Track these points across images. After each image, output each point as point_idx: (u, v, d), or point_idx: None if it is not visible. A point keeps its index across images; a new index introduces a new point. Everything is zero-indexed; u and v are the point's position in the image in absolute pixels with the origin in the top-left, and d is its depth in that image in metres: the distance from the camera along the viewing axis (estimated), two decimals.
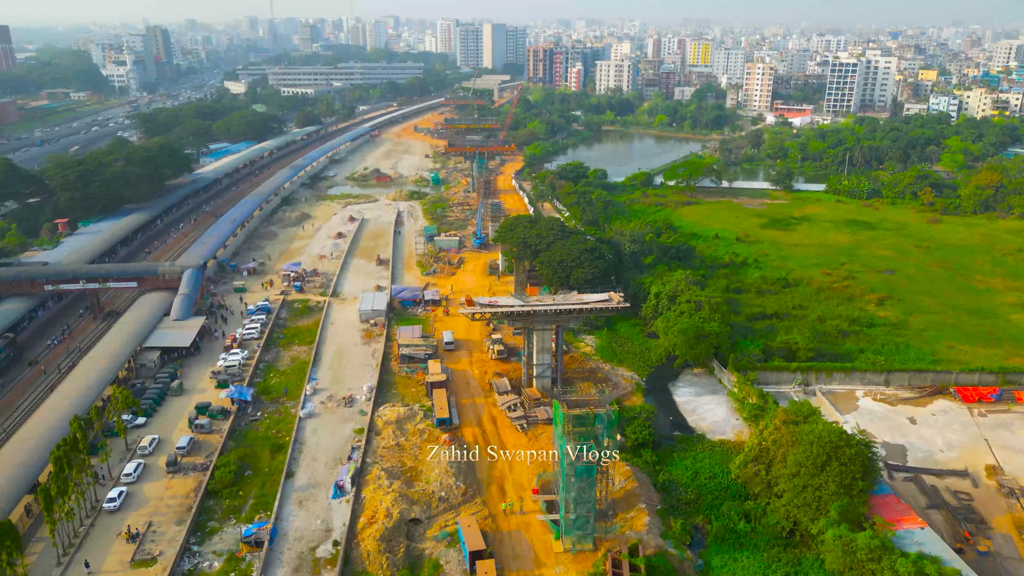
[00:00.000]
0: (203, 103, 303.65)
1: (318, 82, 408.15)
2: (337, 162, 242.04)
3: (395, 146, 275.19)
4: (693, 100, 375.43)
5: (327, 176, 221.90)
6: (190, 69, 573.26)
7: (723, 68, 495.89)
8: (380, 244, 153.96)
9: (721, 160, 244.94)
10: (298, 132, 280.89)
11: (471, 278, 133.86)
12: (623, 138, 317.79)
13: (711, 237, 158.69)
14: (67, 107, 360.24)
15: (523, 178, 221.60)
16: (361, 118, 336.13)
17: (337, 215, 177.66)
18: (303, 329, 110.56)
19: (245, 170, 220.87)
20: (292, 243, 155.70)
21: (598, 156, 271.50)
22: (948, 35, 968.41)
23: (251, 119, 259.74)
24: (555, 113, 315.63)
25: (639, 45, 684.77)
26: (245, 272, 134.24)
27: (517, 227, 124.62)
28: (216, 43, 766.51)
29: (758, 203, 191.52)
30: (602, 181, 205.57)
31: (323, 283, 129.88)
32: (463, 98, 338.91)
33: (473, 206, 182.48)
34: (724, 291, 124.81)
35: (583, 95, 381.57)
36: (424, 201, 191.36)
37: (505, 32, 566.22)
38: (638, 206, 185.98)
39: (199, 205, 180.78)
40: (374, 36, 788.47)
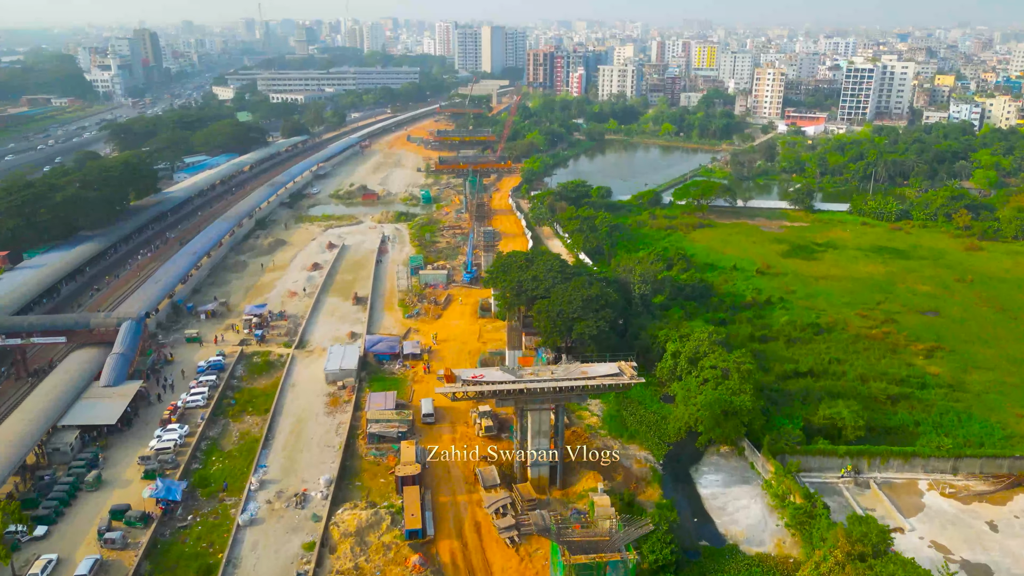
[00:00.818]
0: (184, 111, 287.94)
1: (309, 87, 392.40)
2: (322, 177, 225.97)
3: (385, 158, 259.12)
4: (700, 107, 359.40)
5: (309, 194, 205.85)
6: (181, 73, 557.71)
7: (729, 72, 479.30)
8: (359, 277, 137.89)
9: (733, 175, 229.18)
10: (283, 143, 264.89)
11: (459, 321, 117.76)
12: (627, 148, 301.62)
13: (728, 268, 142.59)
14: (46, 114, 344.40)
15: (520, 195, 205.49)
16: (352, 126, 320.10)
17: (316, 240, 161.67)
18: (259, 392, 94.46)
19: (221, 187, 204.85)
20: (262, 276, 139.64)
21: (601, 169, 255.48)
22: (955, 37, 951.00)
23: (232, 130, 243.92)
24: (555, 122, 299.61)
25: (642, 48, 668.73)
26: (203, 315, 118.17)
27: (511, 268, 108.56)
28: (210, 46, 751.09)
29: (776, 226, 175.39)
30: (606, 200, 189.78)
31: (290, 329, 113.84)
32: (459, 106, 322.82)
33: (465, 229, 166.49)
34: (749, 339, 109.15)
35: (585, 101, 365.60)
36: (412, 223, 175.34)
37: (504, 35, 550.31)
38: (646, 229, 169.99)
39: (164, 230, 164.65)
40: (371, 38, 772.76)
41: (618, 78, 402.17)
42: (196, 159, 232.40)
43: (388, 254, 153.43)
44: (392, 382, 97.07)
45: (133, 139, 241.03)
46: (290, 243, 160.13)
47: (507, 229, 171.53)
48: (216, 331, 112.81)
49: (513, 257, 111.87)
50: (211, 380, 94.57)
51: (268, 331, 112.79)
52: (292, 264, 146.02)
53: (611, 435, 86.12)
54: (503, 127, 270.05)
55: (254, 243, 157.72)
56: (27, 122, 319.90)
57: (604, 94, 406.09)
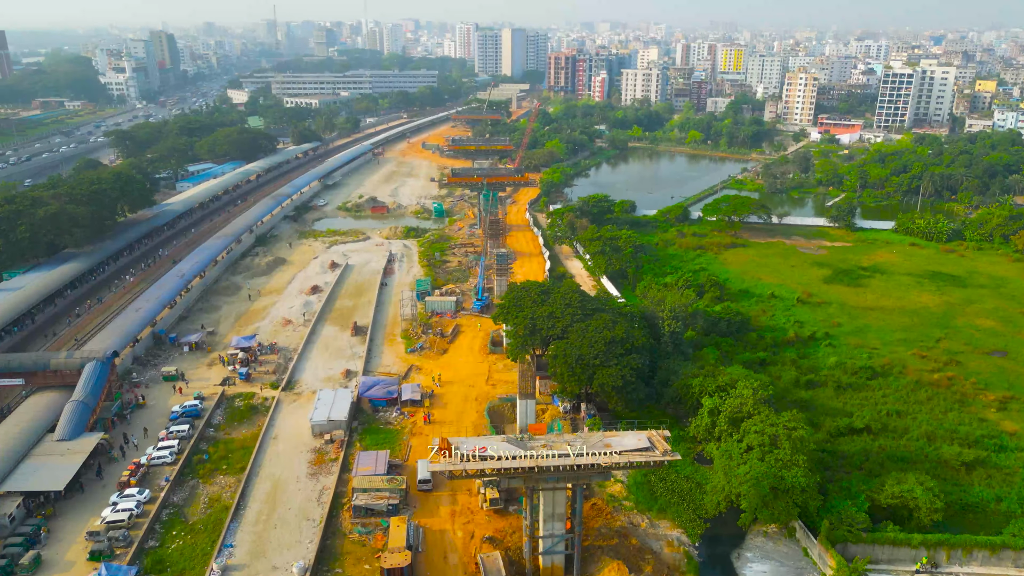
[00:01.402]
0: (190, 117, 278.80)
1: (324, 91, 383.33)
2: (331, 187, 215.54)
3: (398, 167, 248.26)
4: (728, 113, 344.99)
5: (316, 206, 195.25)
6: (199, 75, 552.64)
7: (758, 76, 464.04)
8: (361, 303, 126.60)
9: (765, 187, 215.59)
10: (293, 150, 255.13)
11: (467, 358, 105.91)
12: (652, 157, 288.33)
13: (766, 297, 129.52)
14: (55, 118, 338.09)
15: (538, 209, 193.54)
16: (367, 132, 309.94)
17: (318, 259, 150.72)
18: (237, 445, 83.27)
19: (225, 198, 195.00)
20: (257, 301, 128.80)
21: (624, 179, 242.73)
22: (990, 40, 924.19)
23: (238, 137, 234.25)
24: (576, 129, 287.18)
25: (667, 51, 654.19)
26: (186, 347, 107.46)
27: (524, 301, 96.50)
28: (229, 48, 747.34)
29: (815, 246, 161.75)
30: (630, 216, 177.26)
31: (279, 365, 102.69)
32: (476, 111, 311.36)
33: (478, 248, 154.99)
34: (794, 385, 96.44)
35: (607, 107, 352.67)
36: (423, 240, 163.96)
37: (525, 37, 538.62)
38: (673, 249, 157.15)
39: (156, 247, 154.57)
40: (391, 40, 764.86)
41: (642, 82, 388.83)
42: (201, 167, 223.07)
43: (394, 275, 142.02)
44: (387, 435, 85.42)
45: (137, 146, 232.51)
46: (290, 262, 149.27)
47: (523, 247, 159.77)
48: (200, 365, 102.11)
49: (526, 289, 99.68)
50: (183, 431, 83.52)
51: (256, 367, 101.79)
52: (289, 287, 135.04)
53: (638, 508, 73.80)
54: (522, 135, 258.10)
55: (251, 262, 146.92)
56: (34, 126, 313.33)
57: (627, 99, 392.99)
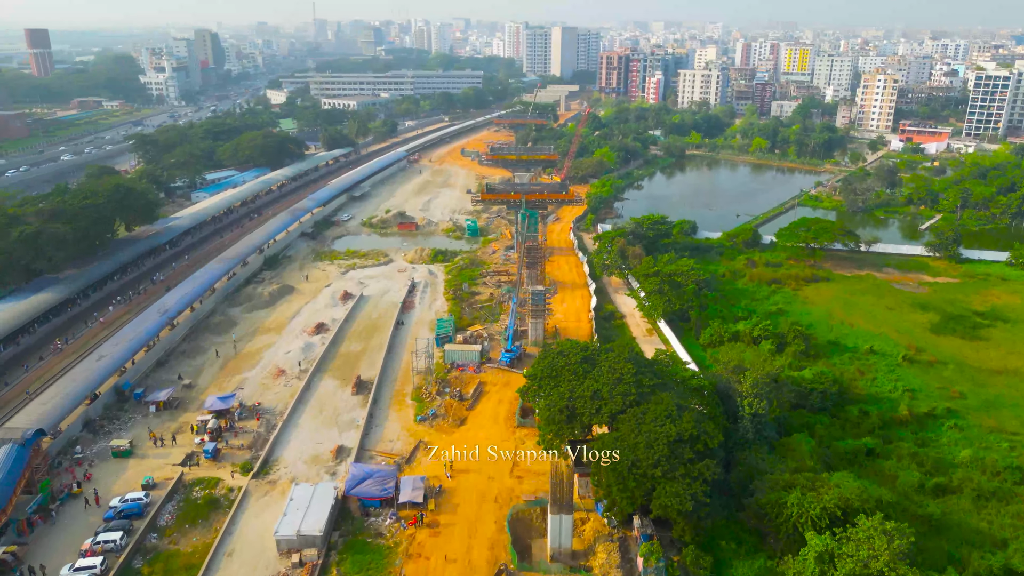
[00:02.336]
0: (219, 120, 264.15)
1: (364, 92, 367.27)
2: (358, 199, 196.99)
3: (433, 176, 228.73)
4: (795, 118, 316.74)
5: (339, 220, 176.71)
6: (243, 75, 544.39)
7: (825, 78, 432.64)
8: (370, 348, 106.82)
9: (845, 206, 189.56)
10: (323, 156, 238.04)
11: (488, 432, 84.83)
12: (711, 166, 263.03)
13: (863, 351, 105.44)
14: (89, 119, 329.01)
15: (584, 228, 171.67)
16: (404, 136, 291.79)
17: (330, 287, 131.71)
18: (180, 563, 63.90)
19: (241, 210, 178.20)
20: (250, 342, 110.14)
21: (680, 192, 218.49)
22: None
23: (263, 142, 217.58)
24: (629, 135, 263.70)
25: (725, 50, 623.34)
26: (153, 407, 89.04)
27: (561, 371, 74.91)
28: (276, 47, 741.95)
29: (913, 281, 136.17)
30: (691, 239, 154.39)
31: (258, 436, 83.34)
32: (520, 114, 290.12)
33: (514, 276, 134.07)
34: (917, 491, 73.03)
35: (663, 110, 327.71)
36: (451, 265, 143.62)
37: (576, 36, 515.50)
38: (743, 283, 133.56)
39: (153, 270, 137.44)
40: (439, 40, 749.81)
41: (701, 84, 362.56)
42: (222, 175, 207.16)
43: (414, 311, 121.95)
44: (375, 555, 64.99)
45: (160, 151, 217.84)
46: (298, 291, 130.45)
47: (565, 276, 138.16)
48: (165, 432, 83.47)
49: (564, 354, 77.78)
50: (113, 543, 64.49)
51: (230, 438, 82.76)
52: (292, 324, 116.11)
53: None
54: (569, 141, 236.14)
55: (254, 291, 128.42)
56: (66, 127, 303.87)
57: (684, 101, 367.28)
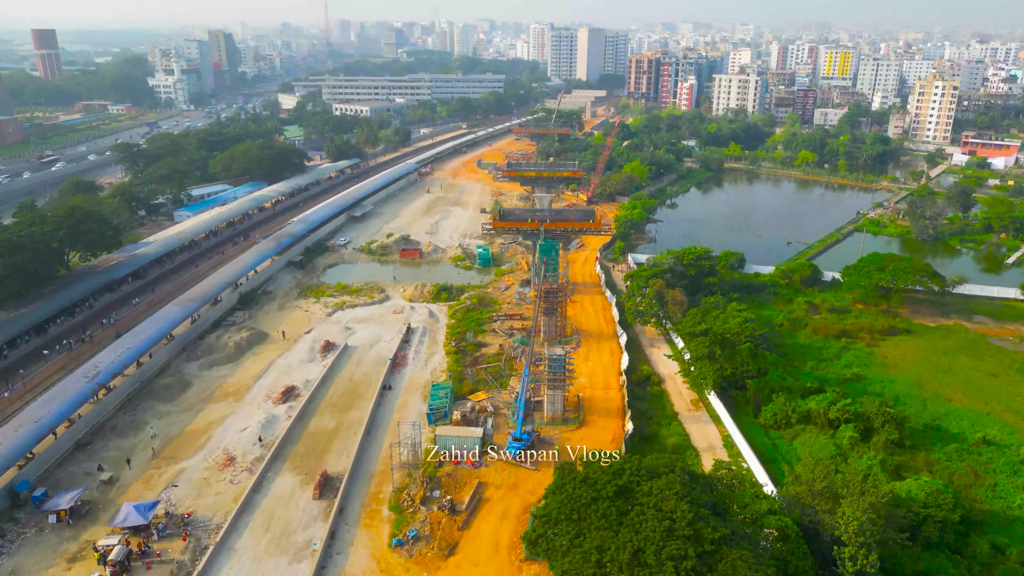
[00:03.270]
0: (216, 128, 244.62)
1: (378, 97, 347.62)
2: (359, 219, 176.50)
3: (445, 191, 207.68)
4: (842, 127, 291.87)
5: (334, 245, 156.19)
6: (259, 78, 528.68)
7: (869, 83, 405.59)
8: (345, 426, 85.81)
9: (913, 232, 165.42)
10: (327, 168, 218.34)
11: (484, 571, 63.14)
12: (752, 180, 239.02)
13: (972, 442, 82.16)
14: (91, 124, 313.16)
15: (612, 257, 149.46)
16: (416, 146, 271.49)
17: (311, 334, 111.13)
18: None
19: (226, 232, 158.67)
20: (201, 413, 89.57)
21: (720, 212, 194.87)
22: None
23: (260, 153, 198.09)
24: (661, 146, 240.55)
25: (759, 53, 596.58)
26: (52, 516, 68.79)
27: (586, 516, 52.96)
28: (296, 48, 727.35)
29: (1013, 335, 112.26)
30: (738, 275, 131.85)
31: (178, 569, 62.59)
32: (542, 122, 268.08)
33: (528, 320, 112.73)
34: None
35: (697, 118, 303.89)
36: (457, 305, 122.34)
37: (603, 38, 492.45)
38: (806, 336, 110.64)
39: (103, 312, 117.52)
40: (462, 41, 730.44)
41: (737, 90, 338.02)
42: (211, 190, 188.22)
43: (406, 369, 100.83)
44: None
45: (149, 162, 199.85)
46: (272, 339, 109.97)
47: (590, 322, 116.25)
48: (57, 560, 63.17)
49: (589, 483, 55.74)
50: None
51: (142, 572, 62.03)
52: (257, 386, 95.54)
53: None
54: (595, 153, 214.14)
55: (219, 340, 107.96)
56: (65, 132, 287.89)
57: (719, 108, 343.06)
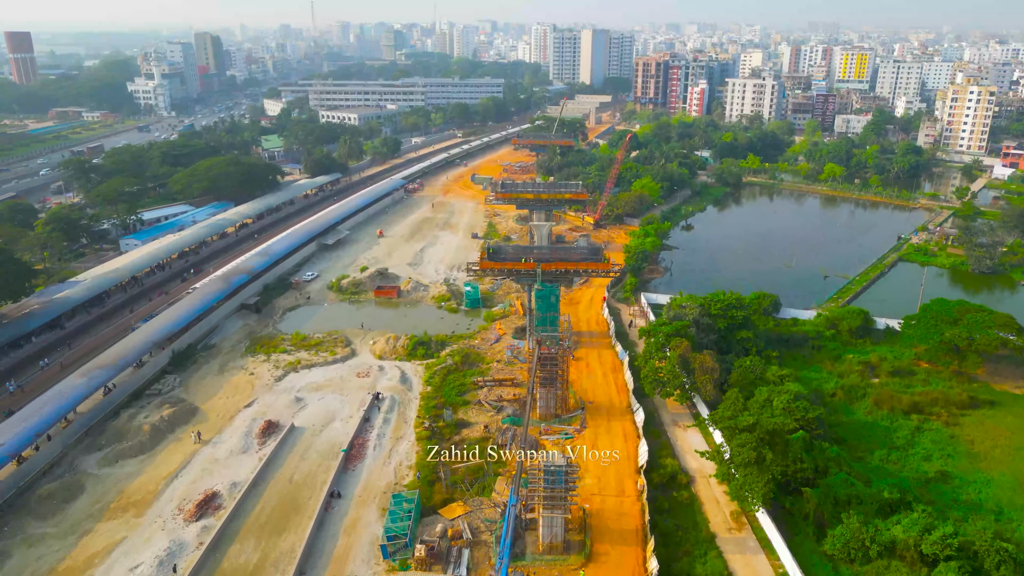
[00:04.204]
0: (182, 141, 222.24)
1: (369, 103, 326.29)
2: (332, 248, 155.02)
3: (435, 211, 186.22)
4: (867, 136, 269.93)
5: (298, 281, 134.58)
6: (251, 81, 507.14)
7: (889, 86, 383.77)
8: (274, 561, 64.24)
9: (969, 264, 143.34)
10: (304, 185, 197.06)
11: None
12: (772, 196, 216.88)
13: None
14: (60, 133, 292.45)
15: (622, 296, 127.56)
16: (407, 157, 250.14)
17: (250, 408, 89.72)
18: None
19: (177, 264, 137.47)
20: (89, 532, 68.26)
21: (742, 235, 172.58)
22: None
23: (227, 170, 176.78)
24: (673, 158, 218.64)
25: (771, 55, 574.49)
26: None
27: None
28: (291, 51, 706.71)
29: None
30: (773, 323, 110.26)
31: None
32: (542, 132, 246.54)
33: (521, 389, 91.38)
34: None
35: (709, 125, 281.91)
36: (435, 365, 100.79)
37: (608, 40, 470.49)
38: (866, 410, 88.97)
39: None
40: (462, 43, 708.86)
41: (752, 95, 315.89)
42: (168, 212, 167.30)
43: (363, 463, 79.35)
44: None
45: (103, 177, 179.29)
46: (201, 417, 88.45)
47: (598, 389, 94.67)
48: None
49: None
50: None
51: None
52: (166, 492, 74.06)
53: None
54: (601, 168, 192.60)
55: (131, 422, 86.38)
56: (29, 143, 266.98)
57: (732, 114, 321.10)
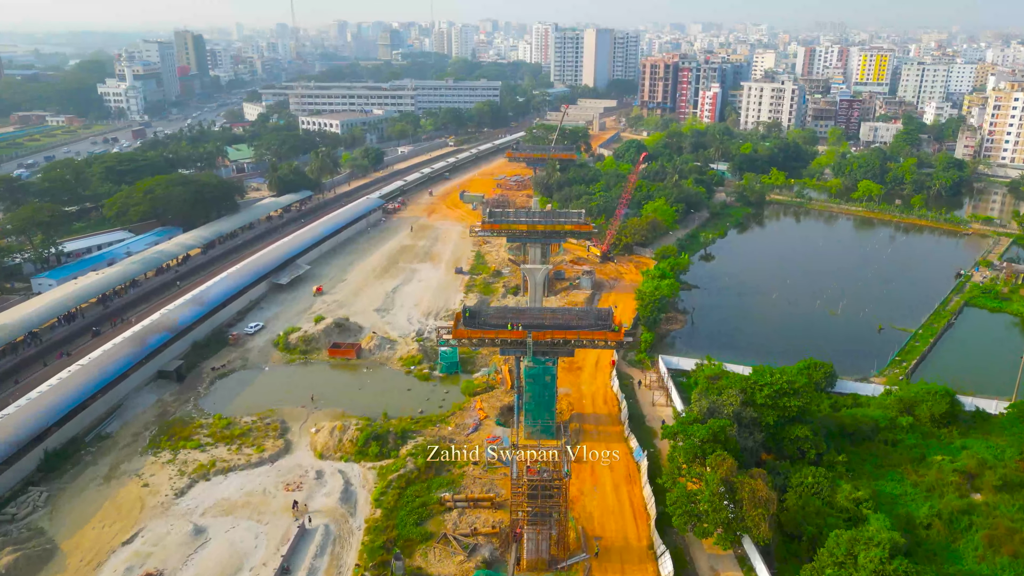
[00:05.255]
0: (129, 155, 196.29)
1: (354, 107, 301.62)
2: (286, 288, 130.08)
3: (415, 238, 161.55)
4: (899, 146, 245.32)
5: (236, 337, 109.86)
6: (236, 82, 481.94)
7: (913, 90, 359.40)
8: None
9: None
10: (268, 205, 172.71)
11: None
12: (799, 217, 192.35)
13: None
14: (15, 140, 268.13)
15: (636, 359, 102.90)
16: (391, 169, 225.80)
17: (128, 547, 65.24)
18: None
19: (95, 310, 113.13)
20: None
21: (770, 268, 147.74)
22: None
23: (171, 191, 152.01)
24: (688, 173, 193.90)
25: (780, 56, 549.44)
26: None
27: None
28: (283, 50, 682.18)
29: None
30: (829, 402, 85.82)
31: None
32: (540, 144, 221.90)
33: (503, 507, 66.82)
34: None
35: (724, 134, 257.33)
36: (391, 469, 76.11)
37: (612, 39, 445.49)
38: (978, 558, 64.00)
39: None
40: (460, 43, 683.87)
41: (770, 100, 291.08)
42: (97, 242, 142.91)
43: None
44: None
45: (31, 197, 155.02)
46: (62, 556, 63.93)
47: (608, 517, 70.28)
48: None
49: None
50: None
51: None
52: None
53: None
54: (608, 185, 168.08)
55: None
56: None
57: (748, 121, 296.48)
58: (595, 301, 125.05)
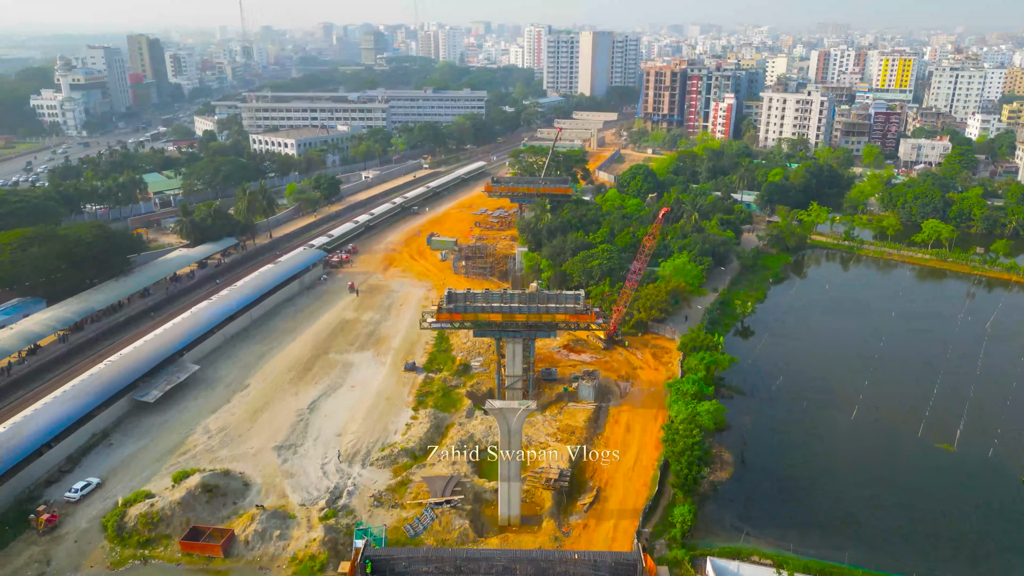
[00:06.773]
0: (1, 193, 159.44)
1: (318, 122, 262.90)
2: (154, 409, 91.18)
3: (359, 308, 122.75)
4: (953, 168, 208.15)
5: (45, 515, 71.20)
6: (202, 90, 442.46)
7: (945, 98, 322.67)
8: None
9: None
10: (178, 260, 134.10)
11: None
12: (847, 265, 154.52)
13: None
14: None
15: (666, 558, 64.69)
16: (348, 203, 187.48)
17: None
18: None
19: None
20: None
21: (829, 353, 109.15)
22: None
23: (32, 250, 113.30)
24: (711, 211, 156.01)
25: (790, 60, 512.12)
26: None
27: None
28: (260, 54, 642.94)
29: None
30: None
31: None
32: (527, 173, 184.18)
33: None
34: None
35: (744, 154, 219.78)
36: None
37: (611, 43, 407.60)
38: None
39: None
40: (448, 46, 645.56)
41: (794, 114, 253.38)
42: None
43: None
44: None
45: None
46: None
47: None
48: None
49: None
50: None
51: None
52: None
53: None
54: (612, 231, 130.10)
55: None
56: None
57: (768, 138, 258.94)
58: (600, 423, 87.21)
